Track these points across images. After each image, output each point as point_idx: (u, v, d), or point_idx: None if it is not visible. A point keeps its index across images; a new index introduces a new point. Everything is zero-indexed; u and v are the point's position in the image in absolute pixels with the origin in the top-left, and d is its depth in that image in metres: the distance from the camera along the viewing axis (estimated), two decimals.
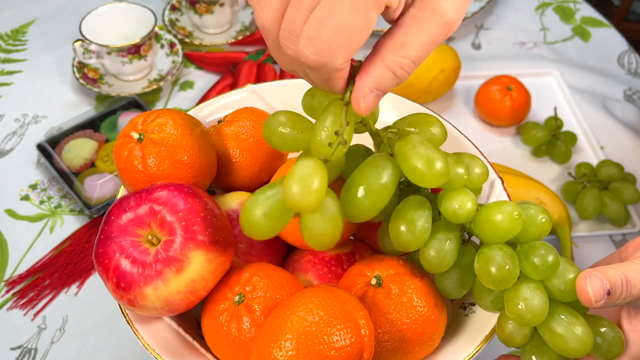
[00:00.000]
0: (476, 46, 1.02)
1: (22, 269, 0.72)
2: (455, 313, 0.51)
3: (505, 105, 0.86)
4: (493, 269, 0.42)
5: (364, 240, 0.56)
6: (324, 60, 0.34)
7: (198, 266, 0.44)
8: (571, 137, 0.85)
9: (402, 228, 0.43)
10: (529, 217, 0.44)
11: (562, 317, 0.43)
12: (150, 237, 0.45)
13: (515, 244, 0.44)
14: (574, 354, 0.42)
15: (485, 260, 0.42)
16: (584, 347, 0.42)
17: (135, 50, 0.88)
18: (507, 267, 0.42)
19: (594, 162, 0.84)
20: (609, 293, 0.41)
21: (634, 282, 0.42)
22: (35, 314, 0.68)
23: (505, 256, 0.42)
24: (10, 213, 0.77)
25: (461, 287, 0.46)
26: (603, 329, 0.43)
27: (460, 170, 0.43)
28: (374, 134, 0.45)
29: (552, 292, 0.43)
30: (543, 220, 0.44)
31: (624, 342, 0.43)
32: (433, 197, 0.46)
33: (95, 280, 0.71)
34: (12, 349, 0.66)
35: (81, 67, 0.93)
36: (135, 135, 0.50)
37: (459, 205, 0.43)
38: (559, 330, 0.42)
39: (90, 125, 0.85)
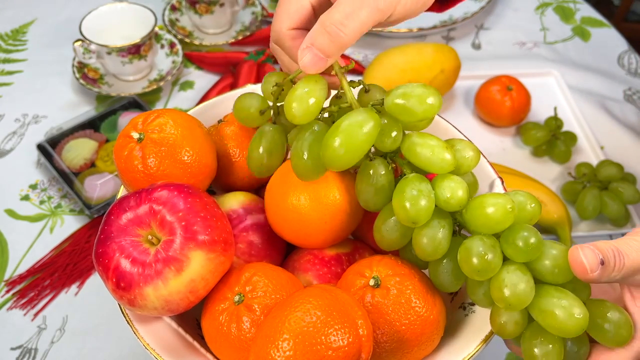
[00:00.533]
0: (476, 46, 1.02)
1: (22, 269, 0.72)
2: (455, 313, 0.51)
3: (505, 105, 0.86)
4: (474, 260, 0.41)
5: (363, 240, 0.56)
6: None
7: (198, 266, 0.44)
8: (571, 137, 0.85)
9: (407, 205, 0.42)
10: (519, 203, 0.44)
11: (554, 296, 0.42)
12: (150, 237, 0.45)
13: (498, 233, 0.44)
14: (570, 333, 0.41)
15: (466, 251, 0.42)
16: (580, 323, 0.41)
17: (135, 50, 0.88)
18: (487, 257, 0.41)
19: (594, 162, 0.84)
20: (602, 263, 0.41)
21: (626, 253, 0.42)
22: (35, 314, 0.68)
23: (485, 245, 0.42)
24: (10, 213, 0.77)
25: (456, 279, 0.45)
26: (608, 313, 0.42)
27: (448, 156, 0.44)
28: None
29: (544, 274, 0.43)
30: (532, 206, 0.44)
31: (632, 325, 0.43)
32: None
33: (95, 280, 0.71)
34: (12, 349, 0.66)
35: (81, 67, 0.93)
36: (136, 135, 0.50)
37: (451, 193, 0.43)
38: (552, 310, 0.41)
39: (90, 125, 0.85)
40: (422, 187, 0.43)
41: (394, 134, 0.45)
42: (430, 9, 0.52)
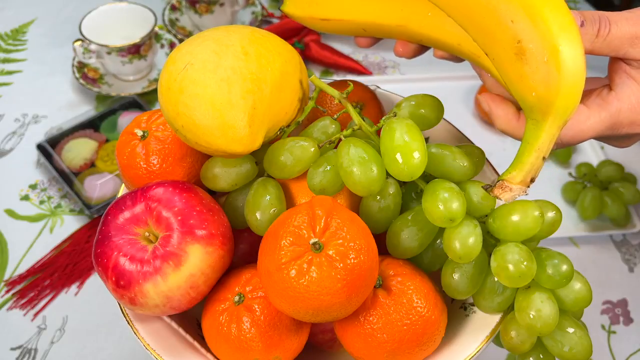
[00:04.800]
0: None
1: (22, 269, 0.72)
2: (456, 313, 0.51)
3: None
4: (511, 267, 0.42)
5: None
6: None
7: (197, 260, 0.44)
8: None
9: (442, 203, 0.42)
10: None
11: (566, 325, 0.44)
12: (147, 234, 0.45)
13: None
14: None
15: (502, 258, 0.42)
16: (587, 354, 0.43)
17: (135, 50, 0.88)
18: (525, 264, 0.42)
19: (595, 162, 0.84)
20: (582, 25, 0.39)
21: (614, 21, 0.40)
22: (35, 314, 0.68)
23: (522, 253, 0.42)
24: (10, 213, 0.77)
25: (472, 285, 0.45)
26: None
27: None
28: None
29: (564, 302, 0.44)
30: (553, 213, 0.44)
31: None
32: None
33: (95, 280, 0.71)
34: (12, 349, 0.66)
35: (81, 67, 0.93)
36: (139, 133, 0.50)
37: (481, 197, 0.43)
38: (564, 338, 0.43)
39: (90, 125, 0.85)
40: (453, 187, 0.43)
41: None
42: None
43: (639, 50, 0.41)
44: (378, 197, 0.46)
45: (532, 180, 0.39)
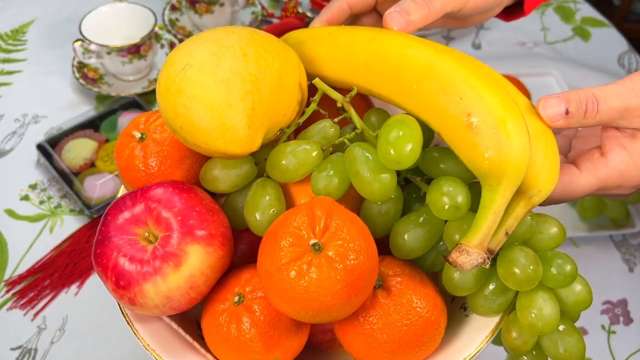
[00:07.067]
0: (476, 46, 1.02)
1: (22, 269, 0.72)
2: (456, 313, 0.51)
3: None
4: (518, 271, 0.42)
5: None
6: None
7: (196, 260, 0.44)
8: None
9: (447, 196, 0.42)
10: (542, 227, 0.45)
11: (564, 327, 0.44)
12: (147, 234, 0.45)
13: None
14: None
15: (509, 262, 0.42)
16: (581, 356, 0.43)
17: (135, 50, 0.88)
18: (531, 268, 0.42)
19: None
20: (567, 112, 0.41)
21: (603, 99, 0.41)
22: (35, 314, 0.68)
23: (528, 257, 0.42)
24: (10, 213, 0.77)
25: (475, 282, 0.45)
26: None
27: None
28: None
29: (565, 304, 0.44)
30: (558, 232, 0.44)
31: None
32: None
33: (95, 280, 0.71)
34: (12, 349, 0.66)
35: (81, 67, 0.93)
36: (137, 135, 0.50)
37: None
38: (561, 340, 0.43)
39: (90, 125, 0.85)
40: (457, 181, 0.43)
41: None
42: (498, 16, 0.56)
43: (630, 121, 0.43)
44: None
45: (492, 252, 0.41)
